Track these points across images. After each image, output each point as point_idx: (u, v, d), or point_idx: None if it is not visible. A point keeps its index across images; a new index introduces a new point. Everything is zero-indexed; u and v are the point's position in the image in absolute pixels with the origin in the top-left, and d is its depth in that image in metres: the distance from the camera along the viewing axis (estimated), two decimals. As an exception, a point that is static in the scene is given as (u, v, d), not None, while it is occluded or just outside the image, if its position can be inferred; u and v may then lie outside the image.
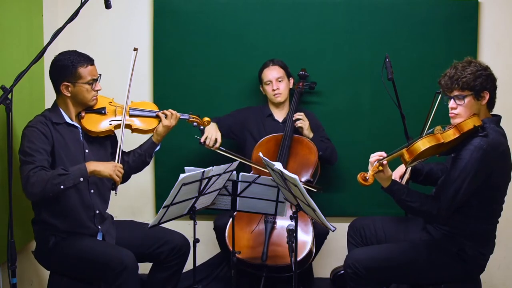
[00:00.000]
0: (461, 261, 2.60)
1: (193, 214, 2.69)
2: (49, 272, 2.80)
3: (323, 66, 3.67)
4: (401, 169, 2.88)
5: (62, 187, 2.53)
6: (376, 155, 2.56)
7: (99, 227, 2.79)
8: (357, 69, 3.67)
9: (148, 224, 2.61)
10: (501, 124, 2.62)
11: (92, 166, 2.61)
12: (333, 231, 2.55)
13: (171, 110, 2.93)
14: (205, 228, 3.57)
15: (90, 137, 2.80)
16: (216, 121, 3.41)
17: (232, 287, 2.87)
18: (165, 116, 2.91)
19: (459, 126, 2.51)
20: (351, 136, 3.69)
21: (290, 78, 3.51)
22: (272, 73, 3.44)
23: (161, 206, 2.52)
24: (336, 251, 3.69)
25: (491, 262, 2.72)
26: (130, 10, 3.70)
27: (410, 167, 2.79)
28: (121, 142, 2.79)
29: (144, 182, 3.74)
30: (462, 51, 2.96)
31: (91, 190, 2.77)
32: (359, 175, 2.51)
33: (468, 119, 2.51)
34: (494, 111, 2.64)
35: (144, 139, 2.97)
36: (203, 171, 2.54)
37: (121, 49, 3.64)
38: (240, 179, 2.81)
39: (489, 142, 2.46)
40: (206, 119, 3.11)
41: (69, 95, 2.70)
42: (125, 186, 3.02)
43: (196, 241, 2.67)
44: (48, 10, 3.40)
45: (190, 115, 3.05)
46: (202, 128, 3.14)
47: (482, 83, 2.50)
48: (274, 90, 3.43)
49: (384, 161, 2.52)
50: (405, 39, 3.64)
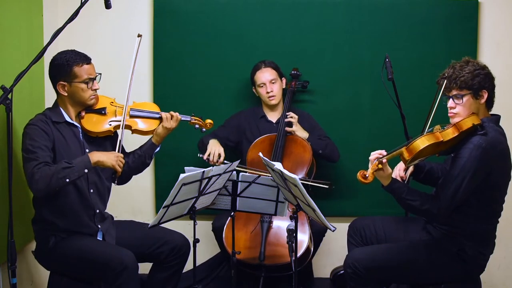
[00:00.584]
0: (461, 261, 2.60)
1: (193, 214, 2.69)
2: (49, 272, 2.80)
3: (323, 66, 3.67)
4: (403, 165, 2.88)
5: (68, 180, 2.53)
6: (376, 153, 2.56)
7: (99, 226, 2.80)
8: (357, 69, 3.67)
9: (148, 224, 2.61)
10: (501, 124, 2.62)
11: (95, 157, 2.62)
12: (333, 231, 2.55)
13: (173, 112, 2.91)
14: (205, 228, 3.57)
15: (90, 137, 2.80)
16: (214, 137, 3.41)
17: (232, 287, 2.87)
18: (167, 117, 2.89)
19: (458, 125, 2.51)
20: (351, 136, 3.69)
21: (283, 78, 3.51)
22: (265, 75, 3.42)
23: (161, 206, 2.51)
24: (336, 251, 3.70)
25: (491, 262, 2.71)
26: (130, 10, 3.69)
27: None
28: (121, 137, 2.78)
29: (144, 182, 3.74)
30: (462, 51, 2.96)
31: (91, 190, 2.77)
32: (359, 173, 2.51)
33: (467, 118, 2.51)
34: (494, 111, 2.65)
35: (145, 140, 2.96)
36: (203, 171, 2.53)
37: (121, 49, 3.64)
38: (240, 179, 2.81)
39: (488, 141, 2.46)
40: (209, 121, 3.04)
41: (66, 95, 2.70)
42: (125, 186, 3.02)
43: (196, 241, 2.67)
44: (48, 10, 3.40)
45: (192, 117, 3.00)
46: (204, 131, 3.06)
47: (480, 82, 2.51)
48: (269, 93, 3.42)
49: (384, 159, 2.53)
50: (405, 39, 3.64)
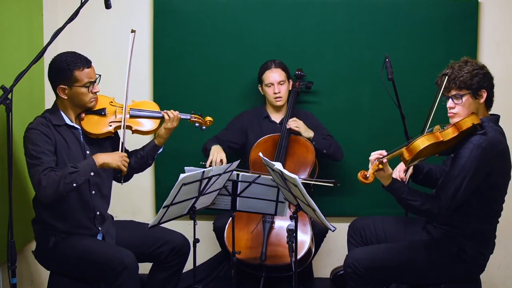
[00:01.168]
0: (461, 261, 2.60)
1: (193, 214, 2.69)
2: (49, 272, 2.80)
3: (323, 66, 3.67)
4: (403, 165, 2.88)
5: (75, 185, 2.53)
6: (376, 154, 2.56)
7: (99, 228, 2.79)
8: (357, 69, 3.67)
9: (148, 224, 2.61)
10: (500, 124, 2.62)
11: (101, 159, 2.62)
12: (333, 231, 2.55)
13: (172, 111, 2.90)
14: (205, 228, 3.57)
15: (90, 138, 2.79)
16: (216, 141, 3.39)
17: (232, 287, 2.87)
18: (167, 118, 2.88)
19: (458, 125, 2.51)
20: (351, 136, 3.68)
21: (290, 80, 3.50)
22: (274, 76, 3.40)
23: (161, 206, 2.52)
24: (336, 251, 3.70)
25: (491, 262, 2.71)
26: (130, 10, 3.69)
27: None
28: (123, 139, 2.77)
29: (144, 182, 3.74)
30: (462, 51, 2.96)
31: (92, 192, 2.77)
32: (360, 173, 2.51)
33: (467, 118, 2.51)
34: (493, 111, 2.64)
35: (145, 140, 2.96)
36: (203, 171, 2.53)
37: (121, 49, 3.61)
38: (240, 179, 2.81)
39: (488, 140, 2.46)
40: (209, 119, 3.03)
41: (66, 98, 2.68)
42: (125, 186, 3.02)
43: (196, 241, 2.67)
44: (48, 10, 3.40)
45: (192, 115, 3.00)
46: (204, 128, 3.05)
47: (479, 82, 2.52)
48: (276, 94, 3.40)
49: (384, 160, 2.53)
50: (405, 39, 3.64)
